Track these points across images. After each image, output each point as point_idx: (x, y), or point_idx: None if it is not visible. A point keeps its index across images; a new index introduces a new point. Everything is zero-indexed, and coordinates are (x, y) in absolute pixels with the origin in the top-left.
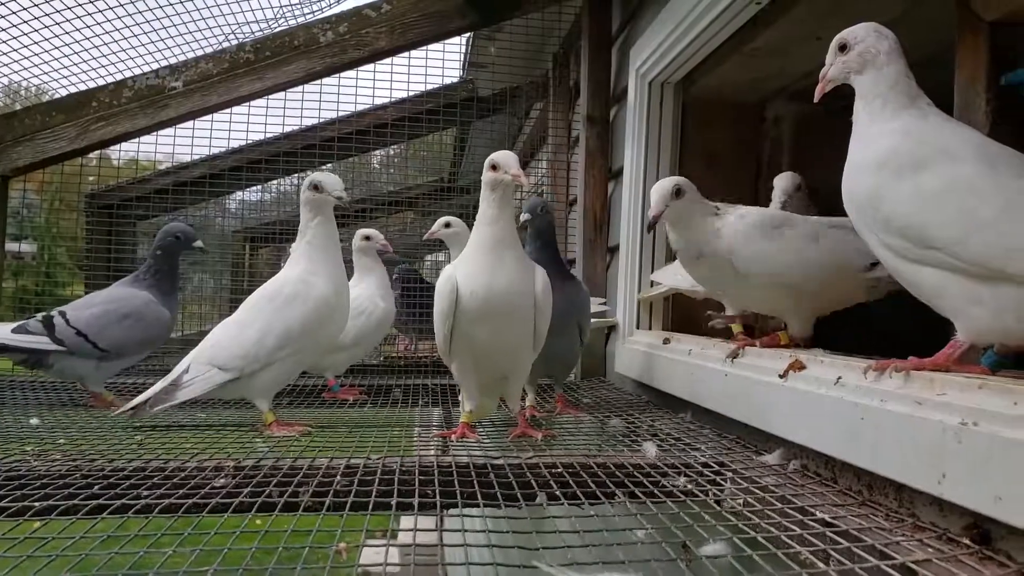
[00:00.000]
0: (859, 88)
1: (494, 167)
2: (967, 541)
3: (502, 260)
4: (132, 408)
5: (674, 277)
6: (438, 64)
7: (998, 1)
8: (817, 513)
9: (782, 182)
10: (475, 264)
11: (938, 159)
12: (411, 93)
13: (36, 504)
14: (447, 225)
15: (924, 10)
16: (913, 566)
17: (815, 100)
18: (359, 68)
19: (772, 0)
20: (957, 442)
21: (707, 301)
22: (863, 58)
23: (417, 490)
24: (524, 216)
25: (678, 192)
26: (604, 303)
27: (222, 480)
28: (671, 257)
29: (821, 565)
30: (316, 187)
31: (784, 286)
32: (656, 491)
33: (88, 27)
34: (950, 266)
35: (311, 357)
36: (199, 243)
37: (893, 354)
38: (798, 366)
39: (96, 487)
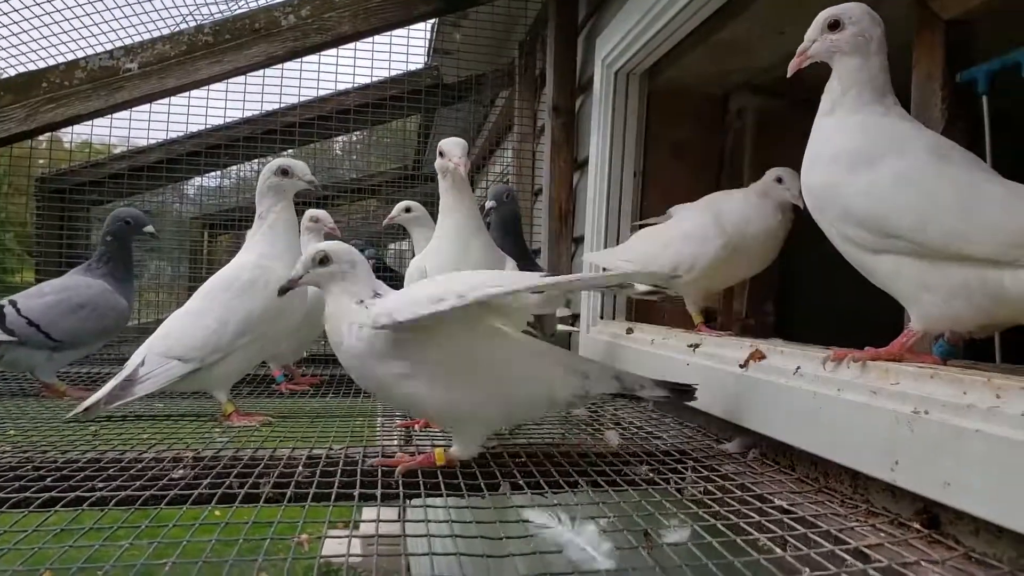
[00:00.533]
0: (839, 70)
1: (441, 153)
2: (917, 526)
3: (468, 249)
4: (85, 409)
5: (616, 263)
6: (402, 50)
7: (955, 0)
8: (775, 500)
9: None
10: (443, 255)
11: (891, 153)
12: (375, 79)
13: None
14: (407, 210)
15: (883, 8)
16: (866, 550)
17: (788, 74)
18: (322, 53)
19: None
20: (909, 430)
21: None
22: (856, 40)
23: (380, 480)
24: (488, 203)
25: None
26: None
27: (180, 471)
28: None
29: (778, 551)
30: (285, 172)
31: None
32: (618, 479)
33: (38, 4)
34: (907, 252)
35: (272, 344)
36: (149, 228)
37: (855, 341)
38: (759, 356)
39: (49, 479)
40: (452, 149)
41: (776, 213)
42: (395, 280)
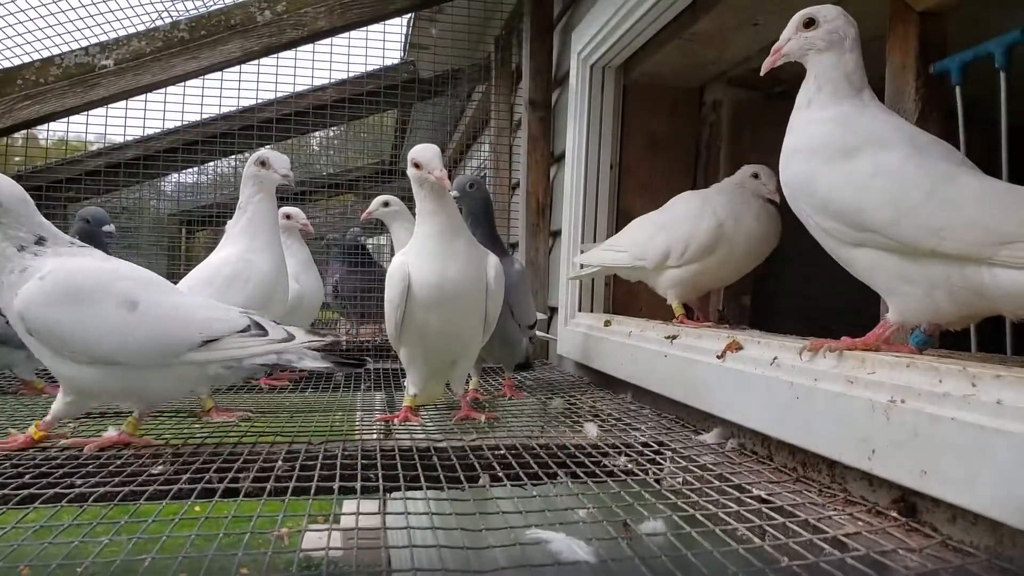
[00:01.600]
0: (814, 68)
1: (416, 165)
2: (895, 514)
3: (453, 248)
4: None
5: (603, 256)
6: (379, 45)
7: None
8: (754, 490)
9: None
10: (426, 253)
11: (868, 146)
12: (351, 74)
13: None
14: (386, 204)
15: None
16: (844, 539)
17: (762, 73)
18: (298, 48)
19: None
20: (886, 419)
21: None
22: (830, 38)
23: (359, 474)
24: (452, 194)
25: None
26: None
27: (160, 467)
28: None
29: (757, 540)
30: (263, 163)
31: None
32: (597, 471)
33: (12, 0)
34: (884, 246)
35: None
36: (109, 227)
37: (832, 333)
38: (735, 347)
39: (27, 476)
40: (430, 160)
41: (763, 207)
42: (370, 274)
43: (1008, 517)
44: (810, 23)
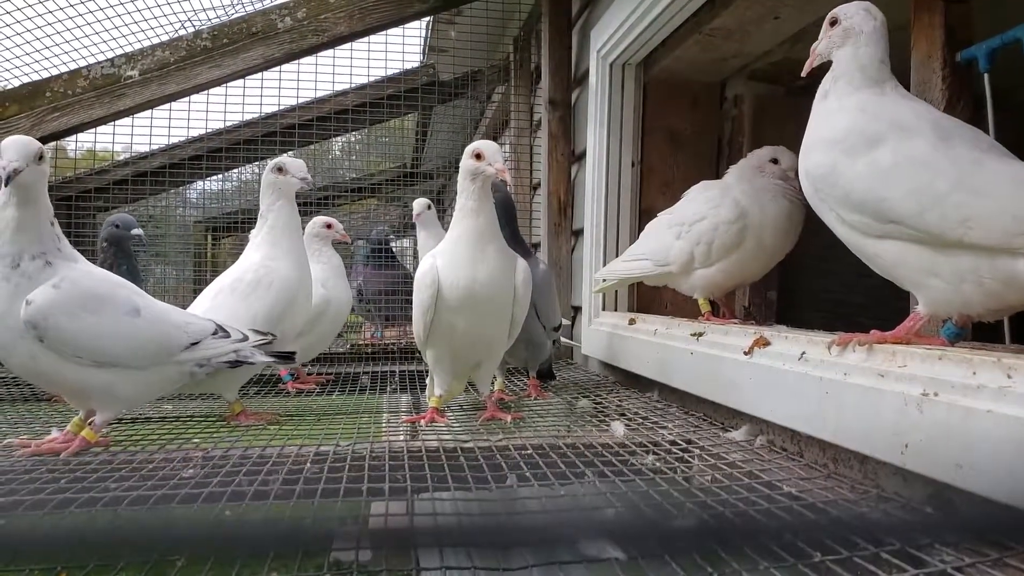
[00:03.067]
0: (835, 63)
1: (478, 155)
2: (929, 509)
3: (484, 253)
4: None
5: (626, 266)
6: (398, 49)
7: None
8: (784, 487)
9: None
10: (456, 256)
11: (892, 134)
12: (371, 78)
13: (0, 500)
14: (428, 207)
15: None
16: (879, 534)
17: (803, 74)
18: (318, 54)
19: None
20: (919, 412)
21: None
22: (846, 34)
23: (387, 475)
24: None
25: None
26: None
27: (191, 471)
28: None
29: (789, 536)
30: (280, 169)
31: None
32: (625, 470)
33: (40, 15)
34: (910, 238)
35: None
36: (137, 231)
37: (859, 326)
38: (762, 343)
39: (63, 480)
40: (494, 153)
41: (785, 192)
42: (396, 276)
43: None
44: (834, 22)
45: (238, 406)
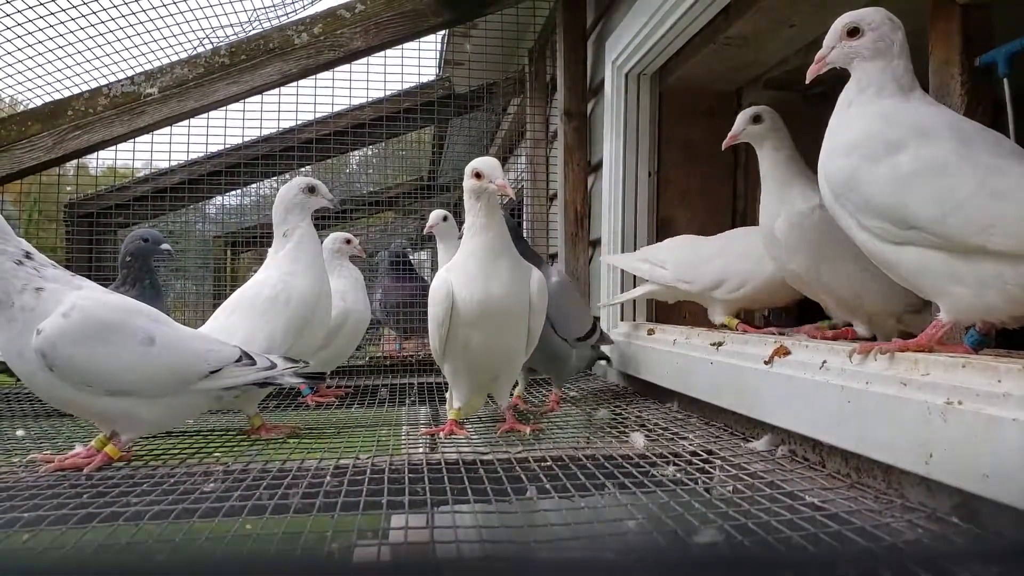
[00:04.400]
0: (860, 74)
1: (477, 175)
2: (956, 520)
3: (497, 265)
4: None
5: (638, 265)
6: (414, 63)
7: None
8: (806, 498)
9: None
10: (470, 270)
11: (913, 139)
12: (388, 92)
13: (25, 515)
14: (444, 219)
15: None
16: (903, 547)
17: (807, 81)
18: (335, 69)
19: None
20: (943, 421)
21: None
22: (876, 46)
23: (407, 488)
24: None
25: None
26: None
27: (211, 485)
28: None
29: (812, 548)
30: (312, 189)
31: None
32: (645, 481)
33: (61, 35)
34: (931, 244)
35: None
36: (166, 245)
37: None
38: (783, 352)
39: (85, 496)
40: (492, 170)
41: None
42: (414, 287)
43: None
44: (855, 32)
45: (258, 420)
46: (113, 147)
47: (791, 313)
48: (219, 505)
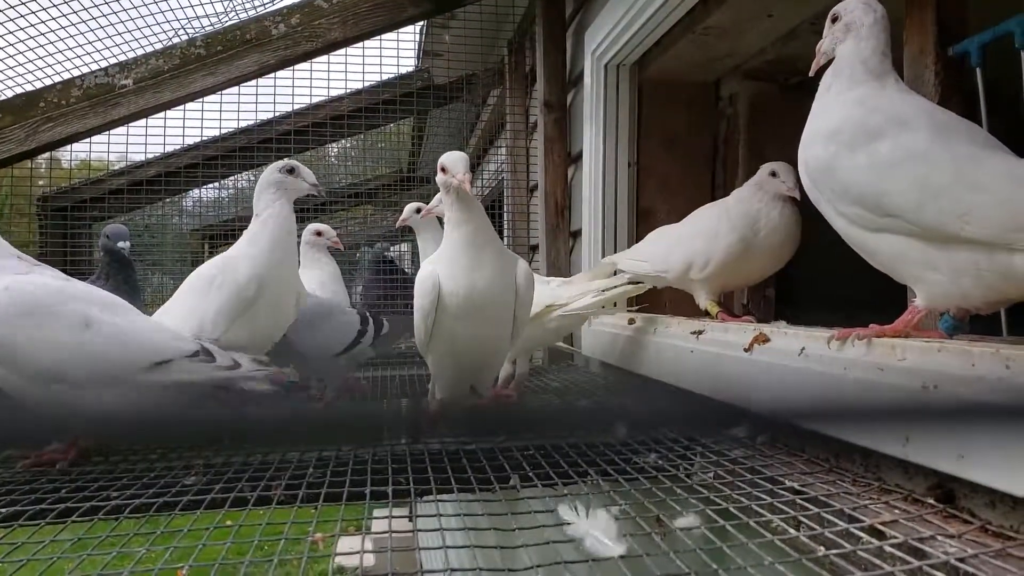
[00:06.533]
0: (837, 58)
1: (443, 169)
2: (932, 501)
3: (481, 257)
4: None
5: (624, 262)
6: (393, 54)
7: None
8: (786, 482)
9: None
10: (455, 262)
11: (891, 128)
12: (367, 84)
13: (3, 511)
14: (418, 211)
15: None
16: (881, 527)
17: (810, 73)
18: (313, 60)
19: None
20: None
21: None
22: (848, 28)
23: (390, 479)
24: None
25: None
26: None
27: (192, 478)
28: (634, 240)
29: (792, 531)
30: (291, 170)
31: None
32: (628, 468)
33: (33, 25)
34: (908, 232)
35: (253, 348)
36: (122, 244)
37: (853, 323)
38: (762, 339)
39: (63, 490)
40: (454, 165)
41: (783, 208)
42: (397, 282)
43: None
44: (835, 18)
45: None
46: (87, 139)
47: (769, 304)
48: (201, 498)
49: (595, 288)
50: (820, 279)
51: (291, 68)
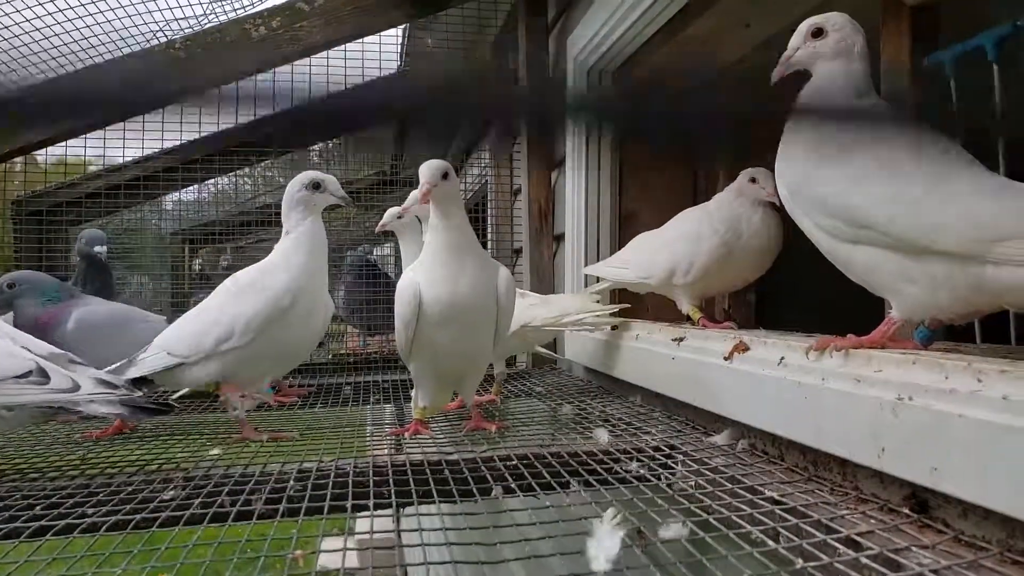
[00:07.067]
0: (820, 75)
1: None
2: (907, 511)
3: (463, 265)
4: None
5: (607, 271)
6: (375, 56)
7: None
8: (766, 492)
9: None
10: (436, 270)
11: (865, 141)
12: (348, 86)
13: None
14: (399, 216)
15: None
16: (857, 538)
17: (771, 83)
18: (294, 63)
19: None
20: (894, 417)
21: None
22: (838, 47)
23: (372, 491)
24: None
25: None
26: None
27: (171, 492)
28: (616, 244)
29: (771, 543)
30: (317, 186)
31: None
32: (610, 478)
33: (7, 27)
34: (883, 244)
35: (268, 360)
36: (99, 248)
37: (833, 328)
38: (742, 348)
39: (38, 507)
40: (422, 174)
41: (764, 213)
42: (379, 285)
43: (1019, 511)
44: (818, 32)
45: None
46: (63, 143)
47: (750, 309)
48: (180, 513)
49: (573, 311)
50: (800, 284)
51: (272, 71)
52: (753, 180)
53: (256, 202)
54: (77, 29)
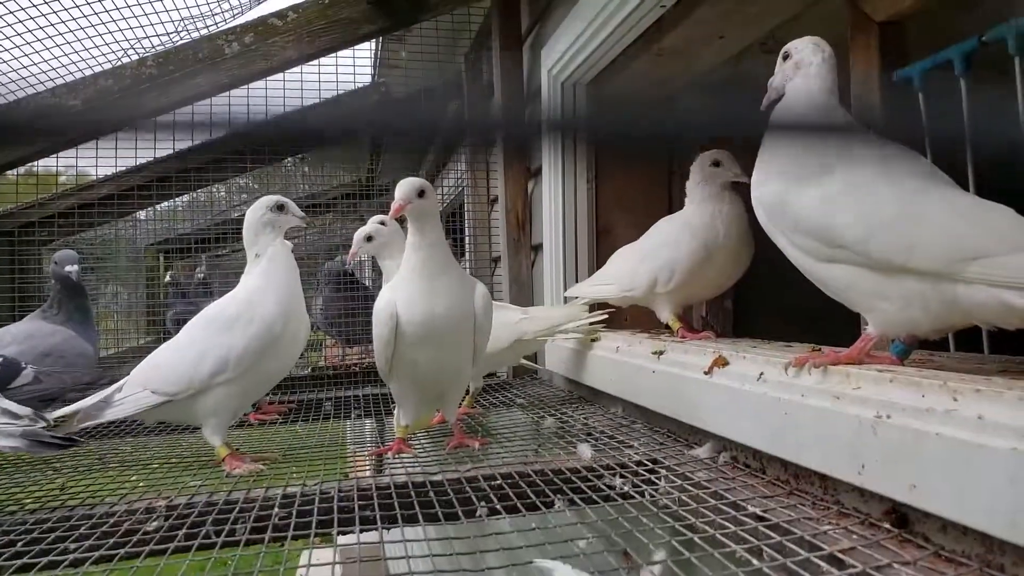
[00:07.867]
0: (787, 94)
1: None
2: (888, 525)
3: (439, 282)
4: (61, 418)
5: (592, 291)
6: (349, 68)
7: (886, 4)
8: (749, 507)
9: None
10: (413, 290)
11: (838, 162)
12: (323, 99)
13: None
14: (368, 239)
15: (820, 10)
16: (840, 555)
17: (762, 107)
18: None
19: (676, 2)
20: (873, 434)
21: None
22: (798, 67)
23: (357, 516)
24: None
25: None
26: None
27: (155, 523)
28: (594, 255)
29: (755, 562)
30: (281, 207)
31: None
32: (594, 496)
33: None
34: (858, 262)
35: (257, 388)
36: (70, 268)
37: (810, 336)
38: (722, 362)
39: (20, 543)
40: (398, 190)
41: (735, 207)
42: (358, 296)
43: (995, 529)
44: (786, 56)
45: (223, 450)
46: (34, 163)
47: (728, 316)
48: (165, 545)
49: (562, 322)
50: (776, 292)
51: (246, 86)
52: (717, 163)
53: (232, 213)
54: (47, 49)
